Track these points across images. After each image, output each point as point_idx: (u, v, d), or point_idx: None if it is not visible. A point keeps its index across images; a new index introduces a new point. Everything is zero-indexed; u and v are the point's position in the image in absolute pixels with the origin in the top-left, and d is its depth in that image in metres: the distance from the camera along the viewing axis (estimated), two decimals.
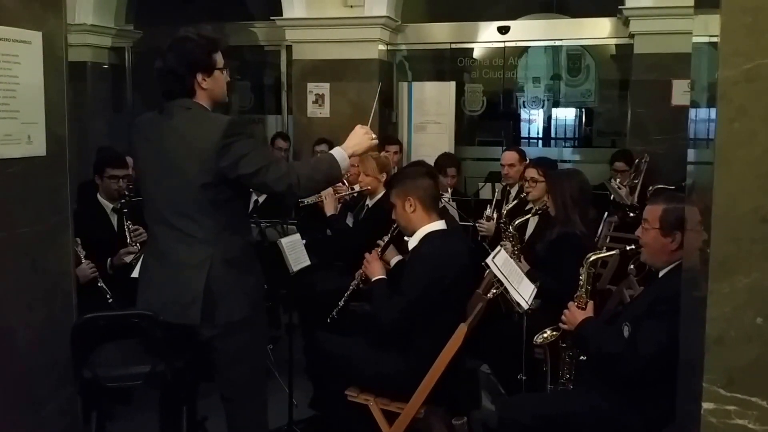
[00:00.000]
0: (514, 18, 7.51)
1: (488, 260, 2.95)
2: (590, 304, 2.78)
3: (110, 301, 3.90)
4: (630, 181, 5.64)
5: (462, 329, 2.76)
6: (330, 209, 4.72)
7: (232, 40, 7.89)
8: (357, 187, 4.81)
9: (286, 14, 7.00)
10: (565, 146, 10.19)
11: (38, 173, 2.71)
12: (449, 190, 5.63)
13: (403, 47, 7.47)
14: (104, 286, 3.97)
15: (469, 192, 6.71)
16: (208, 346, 2.61)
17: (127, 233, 4.40)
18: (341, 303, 3.59)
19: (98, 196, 4.61)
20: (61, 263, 2.86)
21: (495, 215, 4.74)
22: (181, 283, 2.53)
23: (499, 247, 3.19)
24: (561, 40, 7.21)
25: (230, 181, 2.47)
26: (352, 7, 6.83)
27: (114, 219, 4.55)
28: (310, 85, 7.09)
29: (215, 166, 2.43)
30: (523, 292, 2.88)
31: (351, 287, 3.59)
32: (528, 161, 5.15)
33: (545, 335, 2.87)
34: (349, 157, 2.66)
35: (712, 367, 1.74)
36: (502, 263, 2.94)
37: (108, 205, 4.55)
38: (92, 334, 2.47)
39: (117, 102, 8.06)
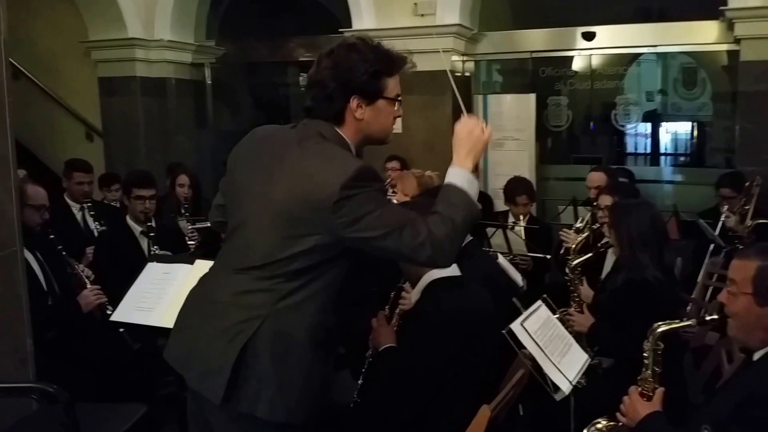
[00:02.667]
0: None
1: (513, 326, 2.18)
2: (659, 391, 2.06)
3: (122, 330, 3.50)
4: (740, 208, 4.86)
5: (484, 414, 2.10)
6: None
7: (314, 54, 7.55)
8: None
9: (355, 26, 6.65)
10: (672, 165, 9.29)
11: None
12: (522, 218, 4.95)
13: (479, 57, 6.89)
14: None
15: (549, 218, 5.96)
16: None
17: None
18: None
19: (127, 218, 4.34)
20: (8, 309, 2.41)
21: (587, 227, 4.10)
22: (214, 342, 1.90)
23: (539, 302, 2.42)
24: (655, 46, 6.43)
25: (347, 240, 1.88)
26: (422, 15, 6.38)
27: (144, 243, 4.25)
28: None
29: (330, 221, 1.85)
30: (567, 368, 2.16)
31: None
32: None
33: (599, 427, 2.15)
34: (474, 170, 1.94)
35: None
36: (537, 328, 2.20)
37: (136, 228, 4.33)
38: None
39: (199, 118, 7.94)
